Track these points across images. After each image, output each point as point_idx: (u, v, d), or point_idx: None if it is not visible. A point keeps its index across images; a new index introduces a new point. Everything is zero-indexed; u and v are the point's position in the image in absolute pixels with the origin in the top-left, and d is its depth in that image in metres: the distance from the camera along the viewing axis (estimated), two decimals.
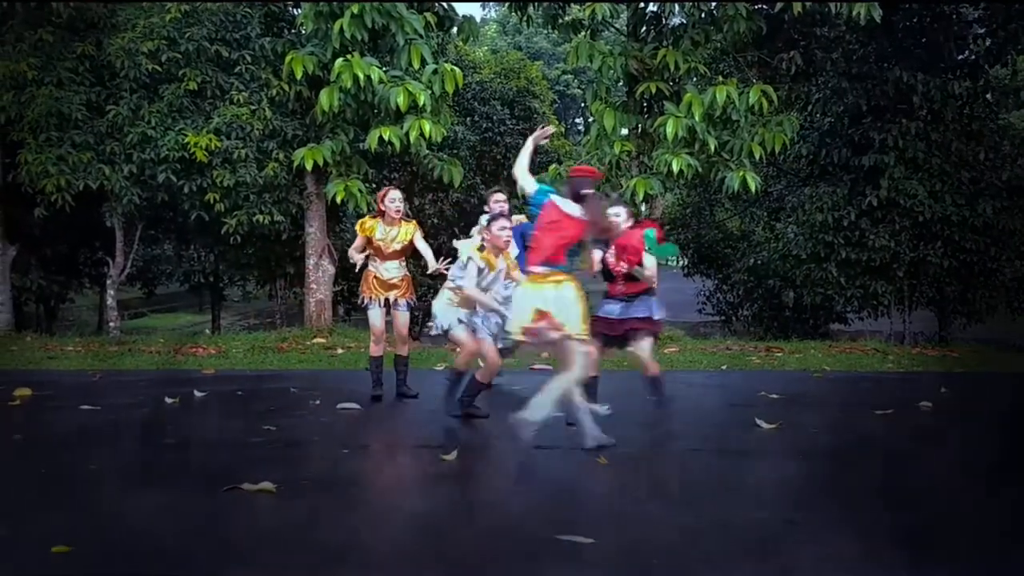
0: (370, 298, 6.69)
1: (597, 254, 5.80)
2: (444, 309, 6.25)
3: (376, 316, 6.70)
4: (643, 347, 5.80)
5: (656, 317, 5.79)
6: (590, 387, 5.58)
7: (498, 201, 6.72)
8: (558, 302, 4.86)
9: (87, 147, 10.89)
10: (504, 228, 5.91)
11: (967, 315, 13.96)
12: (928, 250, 12.73)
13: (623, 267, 5.74)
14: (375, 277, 6.68)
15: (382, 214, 6.60)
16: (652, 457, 5.31)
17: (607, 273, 5.84)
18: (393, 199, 6.57)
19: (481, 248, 5.87)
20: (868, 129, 12.63)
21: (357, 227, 6.75)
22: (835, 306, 14.33)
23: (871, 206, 12.58)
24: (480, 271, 5.76)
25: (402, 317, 6.79)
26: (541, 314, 4.84)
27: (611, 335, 5.78)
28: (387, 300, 6.70)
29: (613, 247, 5.78)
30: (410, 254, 6.84)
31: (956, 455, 5.23)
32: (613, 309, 5.81)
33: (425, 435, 5.45)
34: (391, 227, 6.59)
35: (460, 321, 6.10)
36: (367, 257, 6.68)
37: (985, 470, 4.81)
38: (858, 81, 12.80)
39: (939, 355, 10.04)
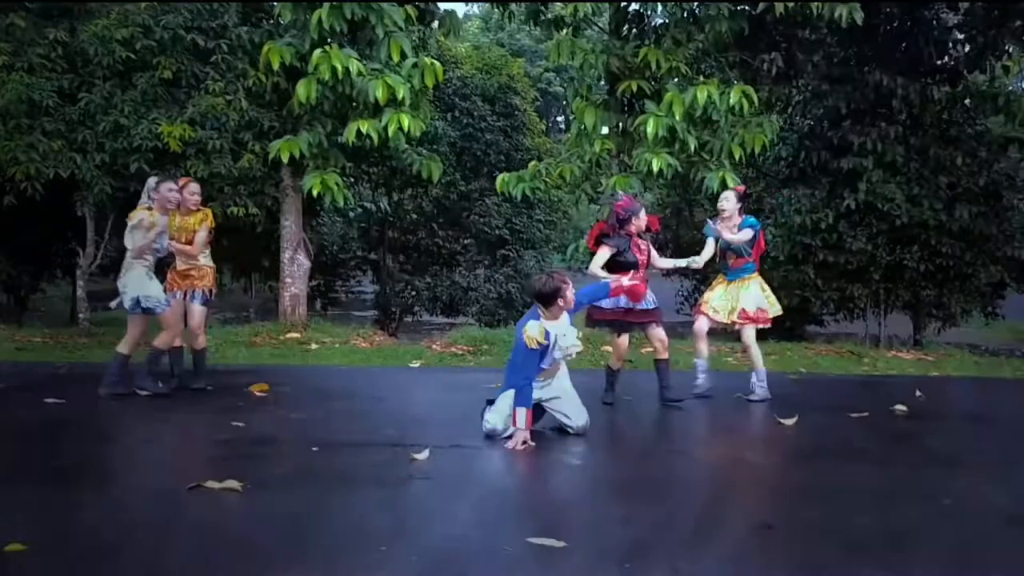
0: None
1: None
2: (143, 284, 6.34)
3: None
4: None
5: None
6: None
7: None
8: None
9: (58, 135, 10.66)
10: (172, 190, 6.45)
11: (942, 319, 14.06)
12: (905, 254, 12.79)
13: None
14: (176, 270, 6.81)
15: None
16: (626, 459, 5.26)
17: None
18: (194, 191, 6.75)
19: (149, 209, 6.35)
20: (847, 132, 12.66)
21: None
22: (811, 308, 14.36)
23: (849, 209, 12.62)
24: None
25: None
26: None
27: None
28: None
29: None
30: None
31: (930, 459, 5.21)
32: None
33: (397, 434, 5.36)
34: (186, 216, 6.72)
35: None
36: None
37: (959, 475, 4.79)
38: (838, 84, 12.83)
39: (914, 359, 10.07)
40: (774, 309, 6.96)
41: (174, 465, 4.78)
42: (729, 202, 6.81)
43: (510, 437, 5.09)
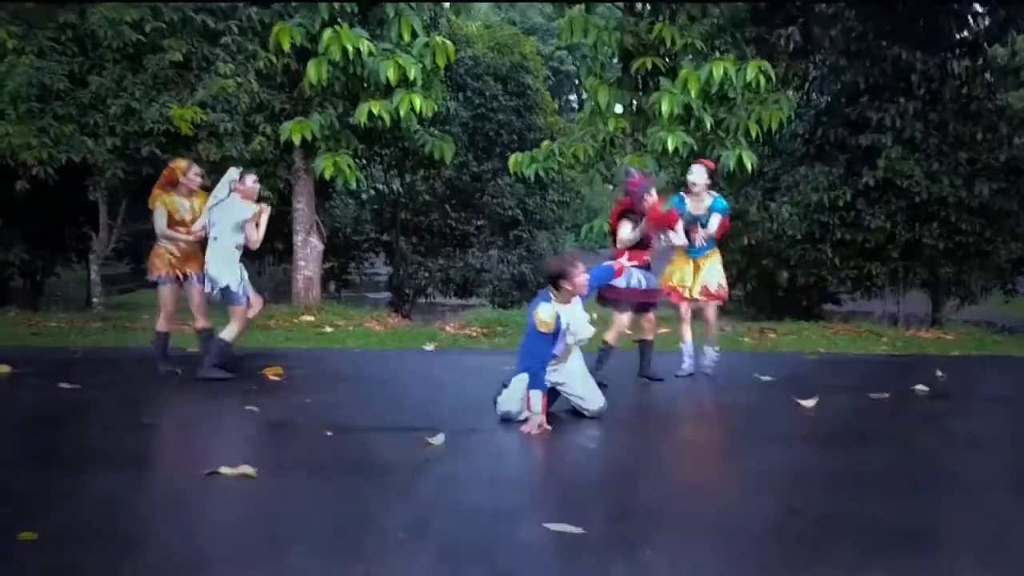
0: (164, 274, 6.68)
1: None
2: (238, 274, 6.53)
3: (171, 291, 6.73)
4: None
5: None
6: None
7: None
8: None
9: (69, 119, 10.61)
10: (256, 181, 6.59)
11: (961, 297, 13.89)
12: (924, 231, 12.61)
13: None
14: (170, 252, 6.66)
15: (175, 185, 6.63)
16: (644, 442, 5.20)
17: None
18: (199, 173, 6.76)
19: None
20: (865, 108, 12.46)
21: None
22: (829, 287, 14.23)
23: (867, 186, 12.43)
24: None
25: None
26: None
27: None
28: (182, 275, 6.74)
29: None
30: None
31: (954, 442, 5.13)
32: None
33: (411, 418, 5.32)
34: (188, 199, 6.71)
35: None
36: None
37: (983, 457, 4.71)
38: (856, 59, 12.62)
39: (933, 338, 9.94)
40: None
41: (188, 451, 4.75)
42: (700, 176, 6.82)
43: (526, 421, 5.04)
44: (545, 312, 5.07)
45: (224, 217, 6.42)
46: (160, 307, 6.79)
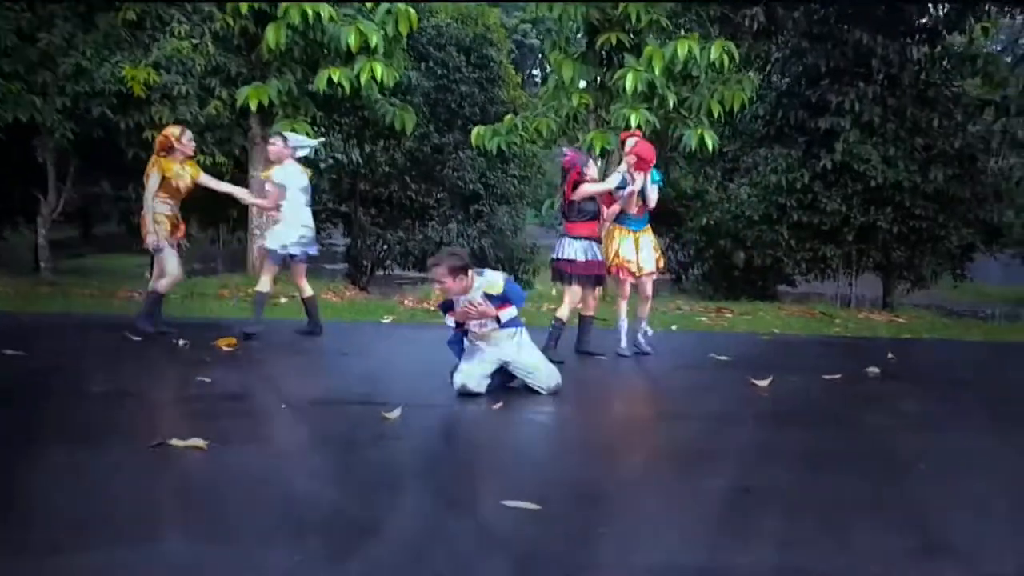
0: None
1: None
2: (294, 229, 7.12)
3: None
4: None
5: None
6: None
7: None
8: None
9: (16, 76, 10.26)
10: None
11: (912, 281, 14.16)
12: (878, 215, 12.80)
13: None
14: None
15: (170, 151, 6.69)
16: (601, 419, 5.21)
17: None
18: (191, 138, 6.92)
19: None
20: (825, 91, 12.58)
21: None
22: (784, 268, 14.42)
23: (825, 169, 12.58)
24: None
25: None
26: None
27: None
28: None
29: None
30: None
31: (904, 423, 5.21)
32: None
33: (368, 391, 5.26)
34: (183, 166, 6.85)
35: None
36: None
37: (932, 438, 4.79)
38: (818, 42, 12.71)
39: (886, 320, 10.12)
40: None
41: (137, 421, 4.63)
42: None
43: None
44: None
45: (292, 183, 7.00)
46: (166, 272, 6.88)
